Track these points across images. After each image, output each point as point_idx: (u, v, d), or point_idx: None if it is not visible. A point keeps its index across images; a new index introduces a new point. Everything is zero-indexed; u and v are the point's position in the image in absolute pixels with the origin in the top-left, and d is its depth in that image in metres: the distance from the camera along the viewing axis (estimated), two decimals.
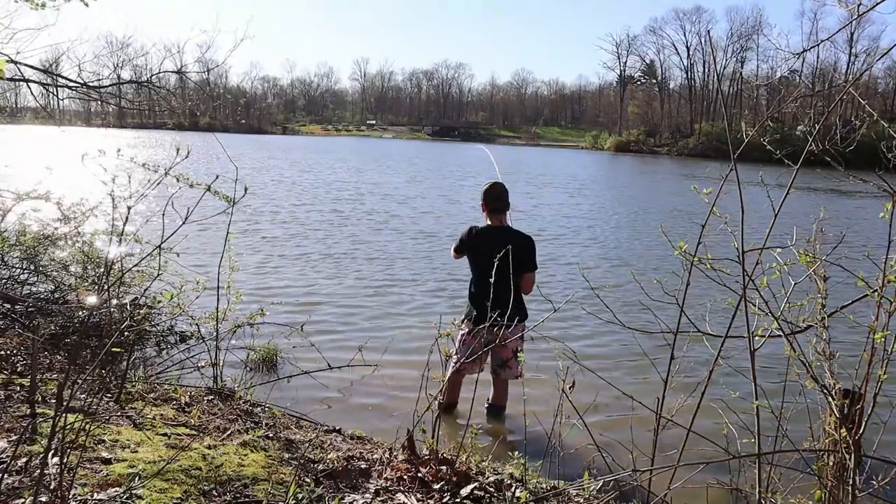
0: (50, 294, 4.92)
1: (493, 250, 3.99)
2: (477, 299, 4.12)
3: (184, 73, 5.76)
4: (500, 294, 3.83)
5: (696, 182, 2.23)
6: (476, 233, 4.14)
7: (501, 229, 4.09)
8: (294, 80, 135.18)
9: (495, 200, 4.08)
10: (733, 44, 78.65)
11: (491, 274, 4.10)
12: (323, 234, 11.66)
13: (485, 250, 4.04)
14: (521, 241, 3.98)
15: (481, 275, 4.11)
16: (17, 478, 1.94)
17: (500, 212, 4.10)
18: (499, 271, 3.99)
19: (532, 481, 2.71)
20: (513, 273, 3.91)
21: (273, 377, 4.53)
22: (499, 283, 3.91)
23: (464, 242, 4.19)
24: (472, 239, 4.13)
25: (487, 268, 4.02)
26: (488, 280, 4.12)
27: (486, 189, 4.13)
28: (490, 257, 4.04)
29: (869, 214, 18.26)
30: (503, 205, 4.10)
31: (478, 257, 4.11)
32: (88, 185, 3.94)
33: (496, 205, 4.09)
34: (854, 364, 2.17)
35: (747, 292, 1.99)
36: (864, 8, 2.30)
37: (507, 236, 4.02)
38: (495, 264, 3.99)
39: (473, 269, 4.19)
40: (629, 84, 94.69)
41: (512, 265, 3.91)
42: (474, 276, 4.20)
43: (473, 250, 4.14)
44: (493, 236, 4.06)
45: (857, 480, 2.02)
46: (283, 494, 2.19)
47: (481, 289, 4.09)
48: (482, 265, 4.09)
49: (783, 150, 2.13)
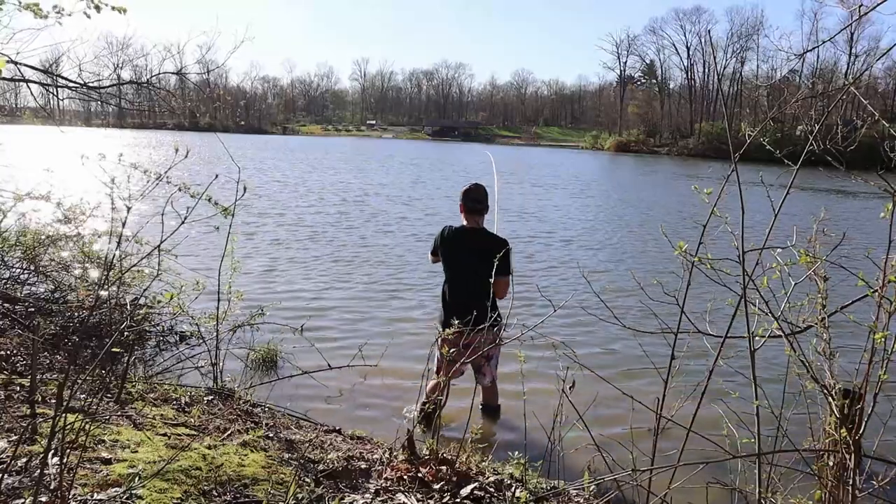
0: (50, 294, 4.92)
1: (464, 252, 4.01)
2: (446, 302, 4.07)
3: (184, 74, 5.75)
4: (470, 298, 3.77)
5: (700, 183, 2.23)
6: (449, 233, 4.06)
7: (475, 231, 4.00)
8: (294, 80, 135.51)
9: (472, 201, 3.99)
10: (733, 44, 78.75)
11: (460, 276, 4.02)
12: (329, 237, 11.59)
13: (455, 251, 4.02)
14: (494, 243, 3.88)
15: (451, 277, 4.07)
16: (17, 478, 1.94)
17: (476, 213, 4.01)
18: (469, 274, 3.91)
19: (532, 481, 2.71)
20: (483, 276, 3.79)
21: (273, 377, 4.53)
22: (469, 287, 3.91)
23: (437, 244, 4.12)
24: (445, 240, 4.06)
25: (456, 269, 4.05)
26: (457, 283, 4.02)
27: (465, 189, 4.04)
28: (460, 259, 4.02)
29: (874, 215, 18.18)
30: (480, 207, 4.01)
31: (448, 258, 4.05)
32: (88, 186, 3.94)
33: (473, 206, 3.99)
34: (854, 364, 2.17)
35: (748, 293, 1.98)
36: (866, 8, 2.30)
37: (479, 238, 3.96)
38: (465, 266, 3.91)
39: (445, 270, 4.11)
40: (629, 84, 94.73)
41: (481, 267, 3.76)
42: (446, 278, 4.12)
43: (445, 251, 4.06)
44: (466, 238, 4.00)
45: (857, 480, 2.02)
46: (283, 494, 2.19)
47: (451, 291, 4.05)
48: (452, 267, 4.05)
49: (783, 150, 2.13)
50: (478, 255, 3.84)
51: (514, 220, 14.59)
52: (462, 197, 4.04)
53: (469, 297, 3.86)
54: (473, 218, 4.01)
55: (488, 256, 3.79)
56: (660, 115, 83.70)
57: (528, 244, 11.69)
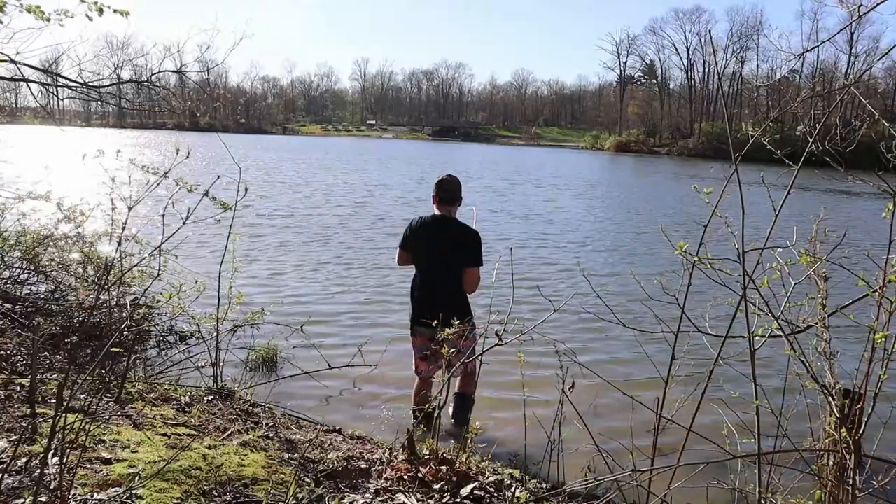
0: (50, 294, 4.92)
1: (435, 242, 3.89)
2: (413, 294, 3.99)
3: (183, 73, 5.74)
4: (442, 288, 3.74)
5: (704, 183, 2.22)
6: (419, 223, 3.96)
7: (444, 219, 3.89)
8: (294, 80, 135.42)
9: (444, 191, 3.91)
10: (733, 44, 78.71)
11: (430, 267, 3.88)
12: (338, 240, 11.49)
13: (426, 241, 3.91)
14: (462, 232, 3.83)
15: (422, 269, 3.97)
16: (17, 478, 1.94)
17: (447, 203, 3.91)
18: (440, 265, 3.82)
19: (532, 481, 2.71)
20: (453, 267, 3.76)
21: (273, 377, 4.53)
22: (440, 277, 3.83)
23: (406, 235, 3.99)
24: (415, 230, 3.95)
25: (427, 260, 3.93)
26: (428, 274, 3.87)
27: (438, 180, 3.97)
28: (430, 249, 3.90)
29: (876, 216, 18.10)
30: (452, 196, 3.92)
31: (418, 249, 3.95)
32: (89, 185, 3.94)
33: (444, 195, 3.91)
34: (854, 364, 2.17)
35: (748, 292, 1.98)
36: (865, 8, 2.29)
37: (448, 226, 3.87)
38: (435, 258, 3.77)
39: (416, 262, 4.01)
40: (629, 84, 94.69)
41: (452, 258, 3.76)
42: (416, 270, 4.02)
43: (416, 241, 3.95)
44: (434, 226, 3.90)
45: (857, 480, 2.02)
46: (283, 494, 2.19)
47: (421, 284, 3.95)
48: (422, 257, 3.95)
49: (784, 150, 2.12)
50: (449, 245, 3.79)
51: (519, 222, 14.61)
52: (435, 187, 3.96)
53: (440, 287, 3.80)
54: (446, 207, 3.92)
55: (460, 248, 3.76)
56: (660, 115, 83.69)
57: (540, 246, 11.64)
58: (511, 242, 11.42)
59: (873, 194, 19.89)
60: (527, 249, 11.15)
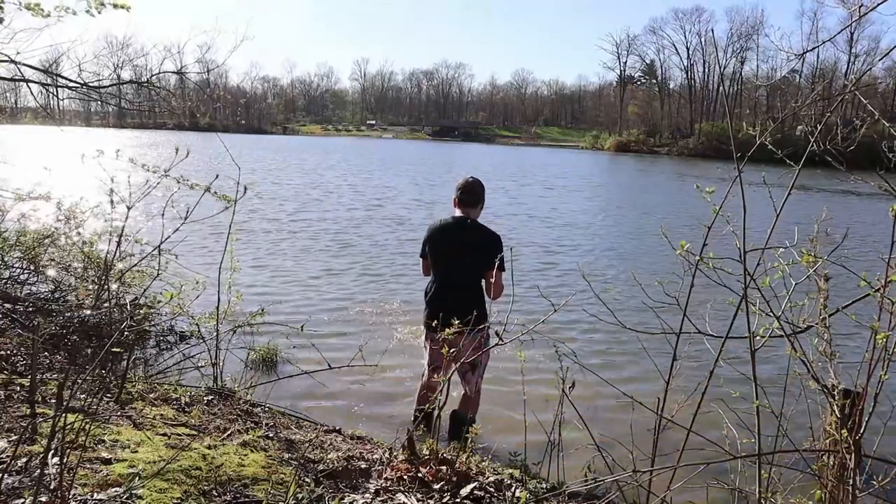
0: (50, 294, 4.91)
1: (455, 244, 3.80)
2: (428, 297, 3.90)
3: (184, 74, 5.75)
4: (459, 290, 3.65)
5: (708, 184, 2.22)
6: (439, 226, 3.90)
7: (464, 220, 3.81)
8: (294, 80, 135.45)
9: (466, 194, 3.85)
10: (733, 44, 78.70)
11: (449, 268, 3.76)
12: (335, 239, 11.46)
13: (446, 243, 3.84)
14: (482, 234, 3.76)
15: (439, 270, 3.88)
16: (17, 478, 1.94)
17: (467, 205, 3.84)
18: (459, 267, 3.73)
19: (532, 481, 2.70)
20: (471, 269, 3.66)
21: (273, 377, 4.53)
22: (458, 279, 3.75)
23: (424, 242, 3.93)
24: (434, 232, 3.89)
25: (446, 261, 3.83)
26: (446, 275, 3.77)
27: (459, 183, 3.91)
28: (450, 251, 3.80)
29: (879, 216, 18.01)
30: (473, 197, 3.85)
31: (438, 251, 3.87)
32: (89, 185, 3.94)
33: (465, 197, 3.84)
34: (854, 363, 2.17)
35: (749, 292, 1.98)
36: (865, 8, 2.29)
37: (471, 230, 3.80)
38: (455, 259, 3.66)
39: (433, 264, 3.92)
40: (629, 84, 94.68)
41: (470, 259, 3.67)
42: (434, 272, 3.94)
43: (435, 243, 3.87)
44: (452, 227, 3.83)
45: (857, 480, 2.01)
46: (283, 494, 2.19)
47: (438, 284, 3.86)
48: (441, 258, 3.86)
49: (785, 150, 2.12)
50: (469, 247, 3.74)
51: (522, 224, 14.60)
52: (456, 190, 3.91)
53: (455, 288, 3.74)
54: (465, 209, 3.86)
55: (480, 251, 3.69)
56: (660, 115, 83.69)
57: (542, 247, 11.65)
58: (535, 248, 11.41)
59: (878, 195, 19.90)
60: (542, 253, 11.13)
